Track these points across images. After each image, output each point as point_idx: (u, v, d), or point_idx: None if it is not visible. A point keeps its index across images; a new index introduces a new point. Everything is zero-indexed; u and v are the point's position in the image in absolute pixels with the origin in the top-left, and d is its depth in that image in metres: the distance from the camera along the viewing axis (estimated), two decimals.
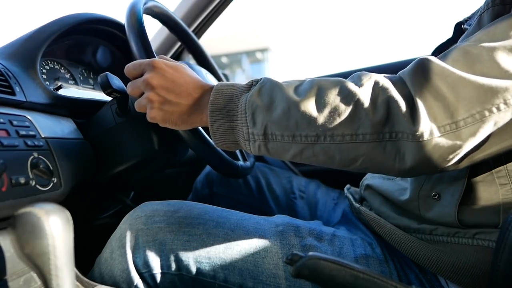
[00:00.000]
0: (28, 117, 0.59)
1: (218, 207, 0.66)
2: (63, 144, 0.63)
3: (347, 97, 0.47)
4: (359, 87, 0.48)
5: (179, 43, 1.19)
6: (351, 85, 0.48)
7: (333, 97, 0.48)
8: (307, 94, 0.49)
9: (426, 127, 0.44)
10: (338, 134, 0.48)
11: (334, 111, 0.47)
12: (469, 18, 0.68)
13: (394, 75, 0.50)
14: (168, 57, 0.77)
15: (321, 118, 0.48)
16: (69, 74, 0.87)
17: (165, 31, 1.16)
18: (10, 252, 0.49)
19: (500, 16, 0.53)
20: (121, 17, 0.89)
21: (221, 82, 0.57)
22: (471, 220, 0.54)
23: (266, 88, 0.52)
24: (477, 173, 0.54)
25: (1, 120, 0.53)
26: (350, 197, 0.75)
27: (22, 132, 0.55)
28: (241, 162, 0.79)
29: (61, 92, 0.76)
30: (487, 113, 0.44)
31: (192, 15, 1.14)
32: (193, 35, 0.98)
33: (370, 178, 0.74)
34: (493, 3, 0.55)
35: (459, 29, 0.69)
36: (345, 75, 1.52)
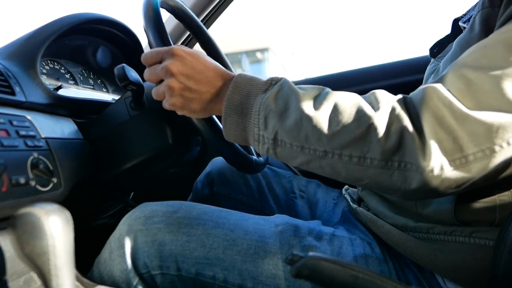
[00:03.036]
0: (28, 117, 0.59)
1: (217, 208, 0.66)
2: (63, 144, 0.63)
3: (362, 119, 0.46)
4: (375, 110, 0.47)
5: (186, 34, 1.19)
6: (367, 108, 0.47)
7: (347, 117, 0.47)
8: (321, 109, 0.49)
9: (437, 162, 0.43)
10: (346, 154, 0.47)
11: (346, 131, 0.47)
12: (465, 15, 0.68)
13: (408, 101, 0.48)
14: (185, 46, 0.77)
15: (332, 136, 0.47)
16: (69, 74, 0.87)
17: (172, 21, 1.15)
18: (10, 252, 0.50)
19: (489, 19, 0.53)
20: (121, 17, 0.89)
21: (240, 74, 0.56)
22: (467, 218, 0.54)
23: (283, 93, 0.51)
24: None
25: (1, 120, 0.53)
26: (348, 198, 0.75)
27: (22, 132, 0.55)
28: (255, 157, 0.79)
29: (61, 92, 0.76)
30: (497, 148, 0.43)
31: (196, 11, 1.14)
32: (207, 30, 0.98)
33: None
34: (483, 5, 0.55)
35: (456, 26, 0.69)
36: (345, 75, 1.52)
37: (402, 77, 1.29)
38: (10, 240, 0.36)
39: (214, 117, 0.67)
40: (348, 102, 0.49)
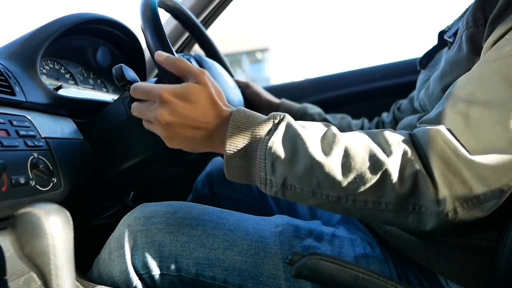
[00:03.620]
0: (28, 117, 0.59)
1: (218, 208, 0.66)
2: (63, 144, 0.63)
3: (375, 164, 0.46)
4: (387, 155, 0.46)
5: (186, 35, 1.19)
6: (379, 152, 0.47)
7: (360, 163, 0.46)
8: (332, 154, 0.47)
9: (450, 206, 0.44)
10: (361, 200, 0.47)
11: (360, 177, 0.46)
12: (449, 28, 0.69)
13: (416, 141, 0.48)
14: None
15: (345, 182, 0.46)
16: (69, 74, 0.87)
17: (172, 22, 1.15)
18: (10, 252, 0.50)
19: (475, 37, 0.54)
20: (121, 17, 0.89)
21: (238, 110, 0.53)
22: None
23: (289, 137, 0.50)
24: None
25: (1, 120, 0.53)
26: None
27: (22, 132, 0.55)
28: None
29: (61, 92, 0.76)
30: (505, 187, 0.44)
31: (195, 12, 1.14)
32: (205, 30, 0.98)
33: None
34: (467, 25, 0.56)
35: (443, 37, 0.71)
36: (345, 75, 1.52)
37: (402, 78, 1.29)
38: (10, 240, 0.35)
39: None
40: (359, 146, 0.48)
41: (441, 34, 0.71)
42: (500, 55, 0.48)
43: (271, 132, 0.51)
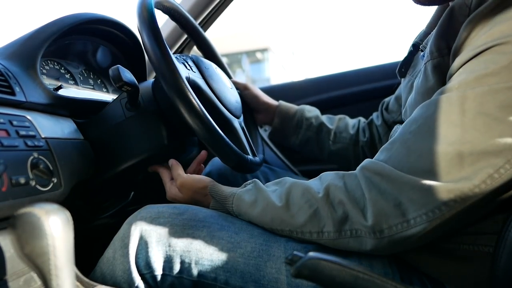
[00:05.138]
0: (28, 117, 0.59)
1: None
2: (63, 144, 0.63)
3: (311, 200, 0.56)
4: (319, 192, 0.56)
5: (184, 37, 1.19)
6: (314, 190, 0.56)
7: (300, 201, 0.57)
8: (281, 197, 0.59)
9: (378, 226, 0.50)
10: (306, 231, 0.56)
11: (302, 212, 0.56)
12: (421, 40, 0.73)
13: (347, 175, 0.56)
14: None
15: (291, 218, 0.57)
16: (69, 74, 0.87)
17: (171, 24, 1.15)
18: (10, 252, 0.50)
19: (441, 67, 0.57)
20: (120, 17, 0.89)
21: (214, 186, 0.69)
22: (469, 229, 0.55)
23: (252, 189, 0.63)
24: None
25: (1, 120, 0.53)
26: None
27: (22, 132, 0.55)
28: (250, 156, 0.79)
29: (61, 92, 0.76)
30: (431, 214, 0.47)
31: (195, 12, 1.14)
32: (202, 31, 0.98)
33: None
34: (432, 56, 0.58)
35: (417, 48, 0.74)
36: (345, 75, 1.52)
37: None
38: (10, 240, 0.35)
39: (209, 117, 0.67)
40: (300, 190, 0.58)
41: (415, 46, 0.75)
42: (447, 91, 0.50)
43: (241, 187, 0.66)
